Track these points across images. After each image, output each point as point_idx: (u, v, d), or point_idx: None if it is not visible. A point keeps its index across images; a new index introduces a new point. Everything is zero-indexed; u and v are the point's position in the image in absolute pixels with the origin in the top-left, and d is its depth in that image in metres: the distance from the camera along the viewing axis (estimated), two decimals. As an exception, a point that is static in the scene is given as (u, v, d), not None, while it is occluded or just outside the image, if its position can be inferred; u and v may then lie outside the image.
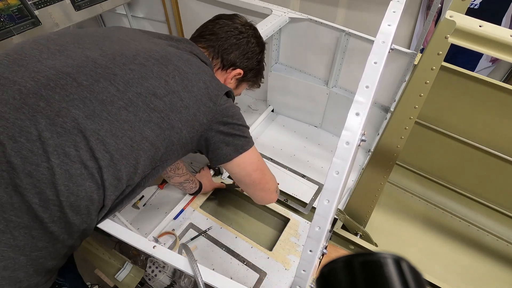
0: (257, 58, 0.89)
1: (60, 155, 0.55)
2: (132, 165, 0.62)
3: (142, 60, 0.67)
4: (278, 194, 0.93)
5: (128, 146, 0.61)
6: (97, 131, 0.58)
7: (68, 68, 0.60)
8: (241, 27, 0.85)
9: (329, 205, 0.45)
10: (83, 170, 0.57)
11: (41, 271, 0.61)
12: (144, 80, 0.64)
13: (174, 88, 0.67)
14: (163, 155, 0.68)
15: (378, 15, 2.12)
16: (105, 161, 0.59)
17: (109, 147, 0.59)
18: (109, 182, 0.60)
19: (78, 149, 0.57)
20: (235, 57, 0.84)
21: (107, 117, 0.59)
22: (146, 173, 0.67)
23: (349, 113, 0.45)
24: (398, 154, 0.90)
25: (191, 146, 0.73)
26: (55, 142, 0.55)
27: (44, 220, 0.56)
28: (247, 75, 0.89)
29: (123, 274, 1.12)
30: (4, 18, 1.15)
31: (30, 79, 0.57)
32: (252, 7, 1.39)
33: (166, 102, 0.65)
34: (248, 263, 1.04)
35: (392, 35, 0.51)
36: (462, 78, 1.16)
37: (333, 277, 0.25)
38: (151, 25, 2.02)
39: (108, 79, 0.61)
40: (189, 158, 1.41)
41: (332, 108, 1.50)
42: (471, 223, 1.43)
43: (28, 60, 0.61)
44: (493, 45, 0.59)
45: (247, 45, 0.85)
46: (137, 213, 1.18)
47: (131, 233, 0.72)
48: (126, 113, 0.61)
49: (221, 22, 0.84)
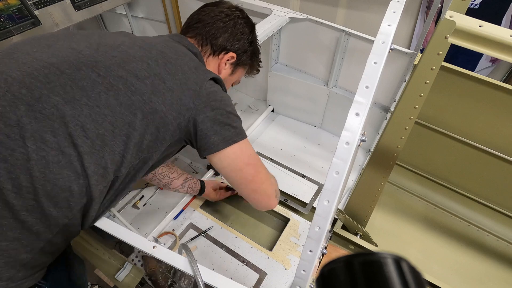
0: (247, 38, 0.86)
1: (37, 140, 0.55)
2: (117, 153, 0.61)
3: (125, 48, 0.67)
4: (278, 199, 0.86)
5: (109, 131, 0.60)
6: (76, 117, 0.58)
7: (53, 59, 0.61)
8: (227, 10, 0.83)
9: (329, 205, 0.45)
10: (60, 157, 0.56)
11: (14, 264, 0.59)
12: (125, 64, 0.64)
13: (156, 70, 0.66)
14: (149, 143, 0.66)
15: (378, 15, 2.12)
16: (86, 147, 0.58)
17: (89, 133, 0.58)
18: (92, 170, 0.59)
19: (56, 135, 0.56)
20: (224, 40, 0.82)
21: (86, 102, 0.59)
22: (133, 164, 0.65)
23: (349, 113, 0.45)
24: (398, 154, 0.90)
25: (180, 135, 0.70)
26: (33, 127, 0.55)
27: (16, 208, 0.55)
28: (241, 58, 0.86)
29: (123, 274, 1.12)
30: (4, 18, 1.15)
31: (17, 70, 0.59)
32: (252, 7, 1.39)
33: (147, 84, 0.64)
34: (248, 263, 1.04)
35: (392, 35, 0.51)
36: (462, 78, 1.16)
37: (333, 277, 0.25)
38: (151, 25, 2.02)
39: (90, 66, 0.62)
40: (189, 158, 1.41)
41: (332, 108, 1.50)
42: (471, 223, 1.43)
43: (19, 54, 0.62)
44: (493, 45, 0.59)
45: (235, 26, 0.82)
46: (137, 213, 1.18)
47: (131, 233, 0.72)
48: (106, 97, 0.61)
49: (206, 9, 0.83)
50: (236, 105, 1.73)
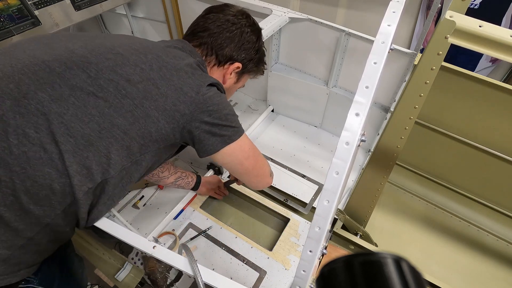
0: (254, 47, 0.84)
1: (19, 135, 0.55)
2: (103, 154, 0.61)
3: (120, 50, 0.66)
4: (273, 176, 0.94)
5: (95, 132, 0.60)
6: (62, 115, 0.58)
7: (45, 56, 0.62)
8: (233, 18, 0.81)
9: (329, 205, 0.45)
10: (42, 153, 0.56)
11: None
12: (118, 67, 0.64)
13: (150, 75, 0.65)
14: (141, 147, 0.65)
15: (378, 15, 2.12)
16: (68, 146, 0.58)
17: (74, 132, 0.58)
18: (73, 170, 0.58)
19: (39, 131, 0.56)
20: (230, 50, 0.80)
21: (74, 102, 0.59)
22: (125, 166, 0.65)
23: (349, 114, 0.45)
24: (398, 154, 0.90)
25: (174, 139, 0.69)
26: (17, 122, 0.55)
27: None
28: (247, 66, 0.85)
29: (123, 274, 1.12)
30: (4, 18, 1.15)
31: (9, 66, 0.59)
32: (252, 7, 1.39)
33: (139, 89, 0.63)
34: (248, 263, 1.04)
35: (392, 35, 0.51)
36: (462, 78, 1.16)
37: (333, 277, 0.25)
38: (151, 25, 2.02)
39: (81, 67, 0.62)
40: (189, 158, 1.41)
41: (332, 108, 1.50)
42: (471, 223, 1.43)
43: (16, 51, 0.63)
44: (493, 45, 0.59)
45: (242, 35, 0.80)
46: (137, 213, 1.18)
47: (131, 233, 0.72)
48: (94, 98, 0.60)
49: (212, 16, 0.80)
50: (236, 105, 1.73)
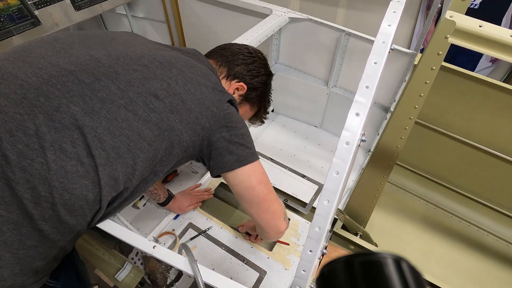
0: (262, 79, 0.87)
1: (56, 150, 0.55)
2: (129, 166, 0.62)
3: (146, 62, 0.67)
4: (287, 223, 0.82)
5: (125, 144, 0.60)
6: (95, 128, 0.58)
7: (71, 66, 0.61)
8: (252, 50, 0.88)
9: (329, 205, 0.45)
10: (79, 167, 0.56)
11: (28, 271, 0.59)
12: (146, 81, 0.64)
13: (176, 90, 0.66)
14: (162, 157, 0.67)
15: (378, 15, 2.12)
16: (101, 159, 0.58)
17: (106, 145, 0.59)
18: (104, 182, 0.59)
19: (75, 145, 0.56)
20: (241, 69, 0.84)
21: (105, 115, 0.59)
22: (144, 176, 0.66)
23: (349, 113, 0.45)
24: (398, 154, 0.90)
25: (193, 151, 0.72)
26: (52, 137, 0.55)
27: (34, 217, 0.55)
28: (251, 93, 0.87)
29: (123, 274, 1.12)
30: (4, 18, 1.15)
31: (33, 75, 0.58)
32: (252, 7, 1.39)
33: (166, 103, 0.65)
34: (248, 263, 1.04)
35: (392, 35, 0.51)
36: (462, 78, 1.16)
37: (333, 277, 0.25)
38: (151, 25, 2.02)
39: (110, 78, 0.62)
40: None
41: (332, 108, 1.50)
42: (471, 223, 1.43)
43: (33, 57, 0.61)
44: (493, 45, 0.59)
45: (253, 63, 0.86)
46: (137, 213, 1.18)
47: (131, 233, 0.72)
48: (125, 111, 0.61)
49: (230, 44, 0.89)
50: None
